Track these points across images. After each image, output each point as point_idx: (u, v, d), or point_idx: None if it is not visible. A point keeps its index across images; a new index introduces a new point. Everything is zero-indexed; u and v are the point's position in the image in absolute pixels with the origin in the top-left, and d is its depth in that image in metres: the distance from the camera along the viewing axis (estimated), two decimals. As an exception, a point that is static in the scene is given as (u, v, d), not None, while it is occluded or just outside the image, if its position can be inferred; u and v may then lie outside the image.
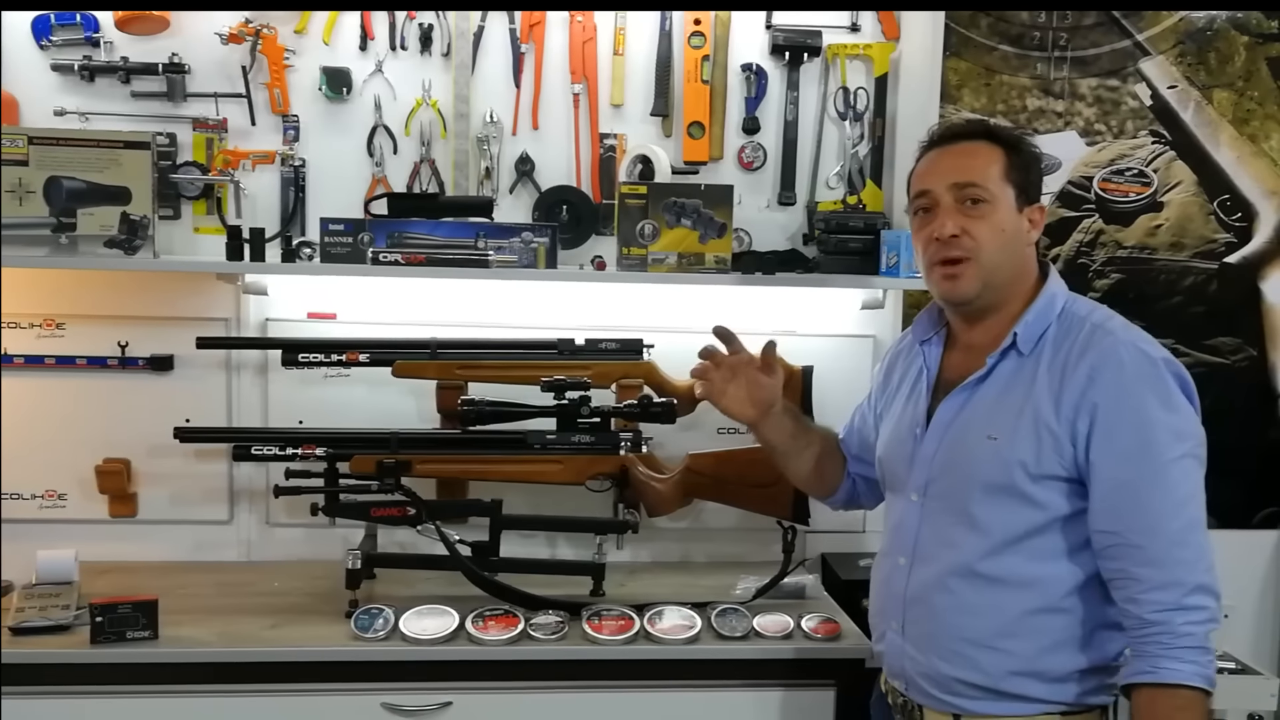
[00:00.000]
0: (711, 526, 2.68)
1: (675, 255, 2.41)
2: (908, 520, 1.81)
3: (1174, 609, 1.56)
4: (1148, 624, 1.58)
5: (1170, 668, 1.55)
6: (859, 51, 2.65)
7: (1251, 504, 2.83)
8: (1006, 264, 1.73)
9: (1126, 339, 1.65)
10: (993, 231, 1.70)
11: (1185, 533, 1.59)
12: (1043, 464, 1.65)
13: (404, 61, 2.56)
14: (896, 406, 1.91)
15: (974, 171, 1.72)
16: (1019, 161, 1.73)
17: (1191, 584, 1.57)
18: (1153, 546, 1.58)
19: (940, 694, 1.74)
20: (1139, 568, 1.59)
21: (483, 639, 2.14)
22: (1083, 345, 1.66)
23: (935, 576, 1.74)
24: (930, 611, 1.75)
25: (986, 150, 1.73)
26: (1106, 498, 1.62)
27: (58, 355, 2.52)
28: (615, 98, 2.61)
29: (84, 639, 2.08)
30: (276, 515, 2.60)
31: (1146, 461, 1.59)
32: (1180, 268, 2.78)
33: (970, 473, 1.71)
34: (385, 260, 2.31)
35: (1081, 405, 1.62)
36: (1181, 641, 1.55)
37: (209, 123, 2.51)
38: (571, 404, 2.37)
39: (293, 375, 2.51)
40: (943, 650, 1.73)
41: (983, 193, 1.71)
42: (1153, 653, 1.57)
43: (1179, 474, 1.60)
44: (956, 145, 1.76)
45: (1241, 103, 2.76)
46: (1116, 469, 1.61)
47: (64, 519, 2.55)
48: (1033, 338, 1.71)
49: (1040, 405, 1.65)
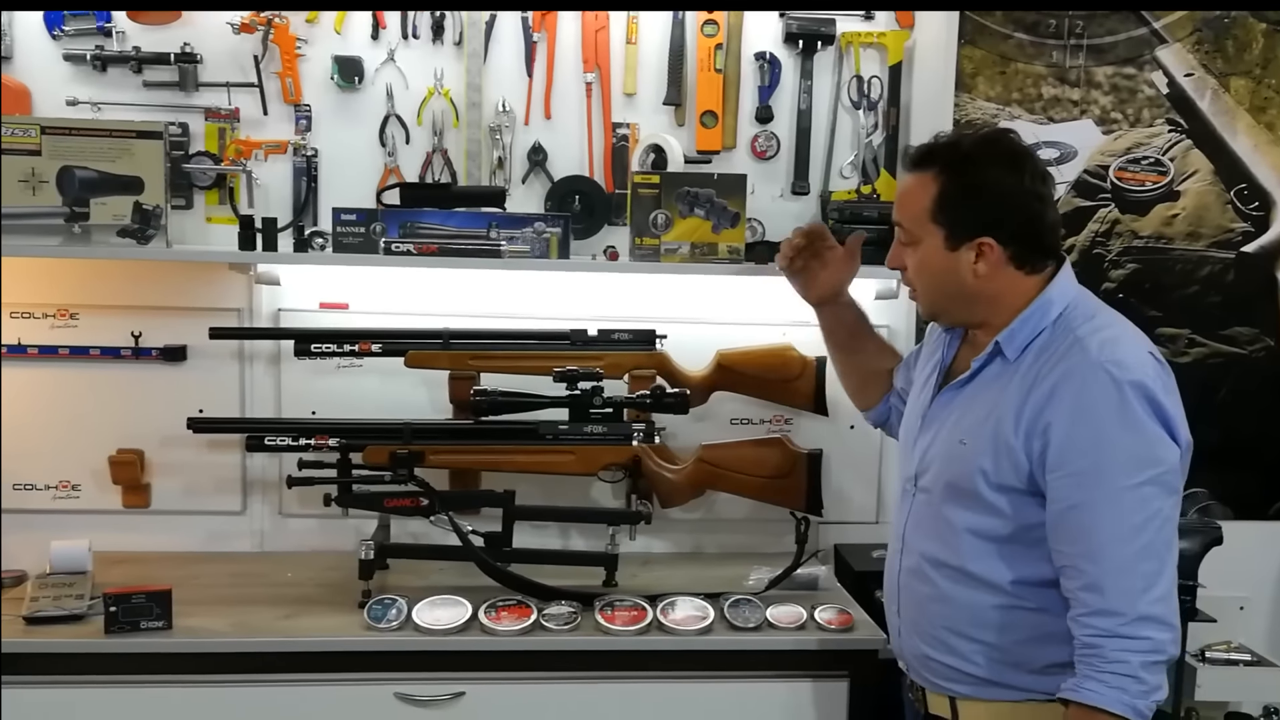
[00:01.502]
0: (724, 517, 2.68)
1: (688, 245, 2.40)
2: (900, 507, 1.86)
3: (1108, 635, 1.55)
4: (1084, 645, 1.58)
5: (1090, 689, 1.55)
6: (873, 40, 2.63)
7: (1268, 495, 2.81)
8: (945, 297, 1.76)
9: (1097, 359, 1.60)
10: (918, 269, 1.76)
11: (1134, 561, 1.55)
12: (1000, 474, 1.65)
13: (416, 50, 2.55)
14: (916, 391, 1.94)
15: (902, 210, 1.77)
16: (954, 198, 1.69)
17: (1132, 615, 1.54)
18: (1094, 572, 1.57)
19: (931, 676, 1.78)
20: (1082, 591, 1.58)
21: (495, 629, 2.14)
22: (1055, 359, 1.64)
23: (916, 565, 1.79)
24: (914, 598, 1.80)
25: (920, 187, 1.72)
26: (1057, 519, 1.61)
27: (71, 346, 2.52)
28: (628, 87, 2.60)
29: (98, 629, 2.08)
30: (289, 506, 2.60)
31: (1098, 487, 1.57)
32: (1197, 257, 2.76)
33: (941, 473, 1.74)
34: (398, 250, 2.30)
35: (1037, 423, 1.62)
36: (1110, 667, 1.54)
37: (221, 112, 2.50)
38: (584, 395, 2.37)
39: (305, 365, 2.50)
40: (926, 636, 1.77)
41: (905, 235, 1.76)
42: (1082, 672, 1.57)
43: (1133, 501, 1.56)
44: (906, 176, 1.78)
45: (1259, 90, 2.74)
46: (1067, 491, 1.60)
47: (78, 509, 2.56)
48: (1019, 344, 1.70)
49: (1002, 417, 1.65)
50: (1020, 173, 1.68)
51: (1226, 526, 2.43)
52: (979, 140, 1.76)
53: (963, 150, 1.72)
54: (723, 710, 2.19)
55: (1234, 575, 2.59)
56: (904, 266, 1.79)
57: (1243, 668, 2.52)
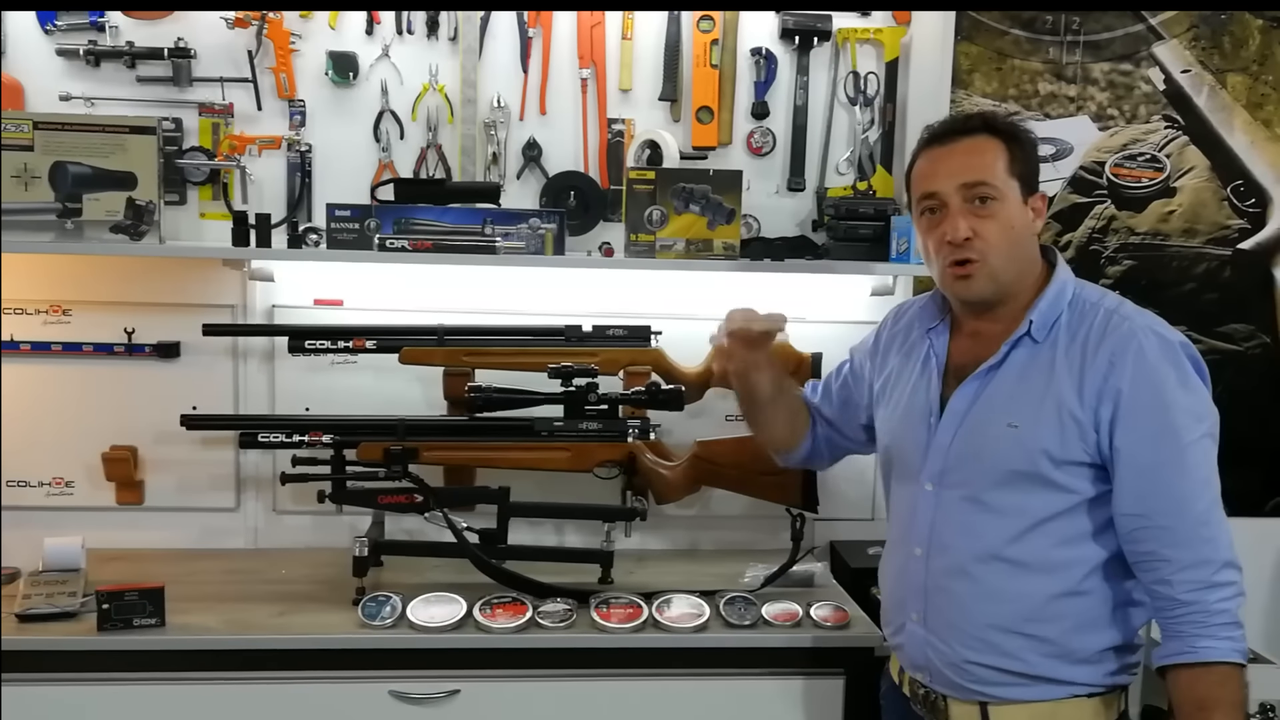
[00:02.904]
0: (720, 514, 2.67)
1: (683, 241, 2.39)
2: (921, 509, 1.79)
3: (1206, 587, 1.58)
4: (1181, 604, 1.59)
5: (1208, 646, 1.57)
6: (869, 36, 2.63)
7: (1264, 492, 2.81)
8: (1015, 260, 1.73)
9: (1143, 324, 1.66)
10: (1002, 230, 1.70)
11: (1209, 512, 1.61)
12: (1067, 450, 1.65)
13: (410, 46, 2.54)
14: (900, 394, 1.88)
15: (982, 170, 1.70)
16: (1020, 153, 1.72)
17: (1220, 561, 1.59)
18: (1181, 527, 1.60)
19: (966, 683, 1.73)
20: (1168, 549, 1.60)
21: (490, 627, 2.13)
22: (1100, 332, 1.67)
23: (956, 564, 1.74)
24: (952, 600, 1.74)
25: (990, 145, 1.71)
26: (1132, 481, 1.62)
27: (64, 342, 2.51)
28: (623, 82, 2.60)
29: (91, 626, 2.08)
30: (283, 502, 2.60)
31: (1169, 444, 1.61)
32: (1193, 254, 2.76)
33: (991, 461, 1.71)
34: (392, 246, 2.30)
35: (1105, 391, 1.63)
36: (1216, 619, 1.58)
37: (215, 107, 2.50)
38: (579, 391, 2.36)
39: (299, 362, 2.50)
40: (967, 638, 1.73)
41: (992, 190, 1.69)
42: (1189, 633, 1.59)
43: (1200, 455, 1.62)
44: (960, 142, 1.73)
45: (1256, 87, 2.74)
46: (1141, 453, 1.62)
47: (71, 506, 2.56)
48: (1046, 325, 1.71)
49: (1063, 392, 1.65)
50: None
51: (1224, 523, 2.43)
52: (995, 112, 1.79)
53: (996, 117, 1.78)
54: (719, 707, 2.19)
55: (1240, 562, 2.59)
56: (972, 235, 1.70)
57: (1239, 665, 2.52)
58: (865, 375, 2.02)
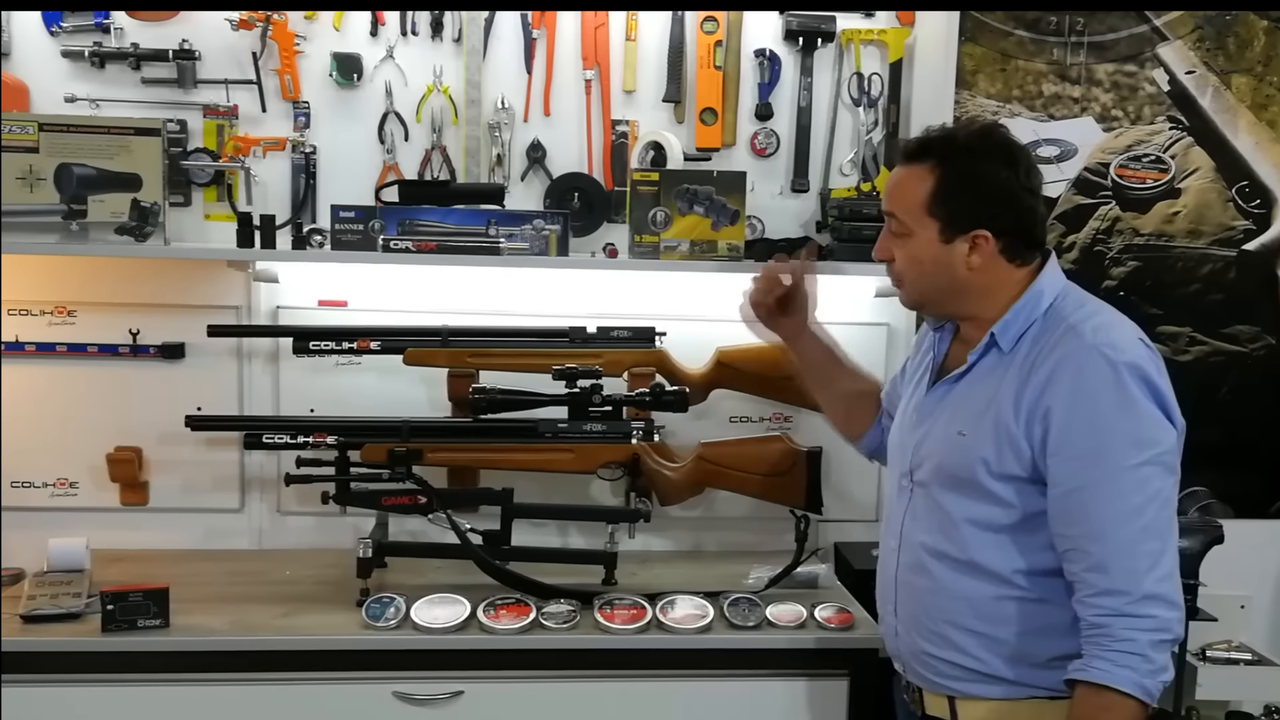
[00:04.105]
0: (723, 515, 2.67)
1: (687, 243, 2.39)
2: (897, 504, 1.84)
3: (1115, 614, 1.56)
4: (1090, 625, 1.58)
5: (1100, 668, 1.55)
6: (873, 37, 2.63)
7: (1269, 493, 2.80)
8: (935, 289, 1.76)
9: (1092, 342, 1.61)
10: (910, 261, 1.75)
11: (1136, 541, 1.56)
12: (1003, 463, 1.66)
13: (415, 47, 2.54)
14: (908, 390, 1.93)
15: (894, 200, 1.76)
16: (952, 191, 1.69)
17: (1138, 593, 1.55)
18: (1100, 553, 1.57)
19: (930, 675, 1.77)
20: (1088, 573, 1.59)
21: (494, 628, 2.13)
22: (1051, 346, 1.65)
23: (916, 559, 1.77)
24: (913, 593, 1.79)
25: (915, 178, 1.71)
26: (1059, 502, 1.62)
27: (69, 343, 2.52)
28: (627, 84, 2.60)
29: (95, 627, 2.08)
30: (288, 503, 2.60)
31: (1098, 468, 1.58)
32: (1198, 255, 2.75)
33: (942, 464, 1.74)
34: (396, 248, 2.30)
35: (1036, 410, 1.62)
36: (1118, 646, 1.55)
37: (219, 109, 2.50)
38: (583, 392, 2.36)
39: (304, 363, 2.50)
40: (926, 631, 1.76)
41: (898, 226, 1.75)
42: (1090, 652, 1.58)
43: (1133, 481, 1.57)
44: (900, 168, 1.76)
45: (1260, 88, 2.73)
46: (1069, 475, 1.60)
47: (75, 507, 2.56)
48: (1013, 335, 1.70)
49: (1002, 405, 1.66)
50: (1015, 167, 1.69)
51: (1227, 525, 2.42)
52: (974, 133, 1.75)
53: (960, 143, 1.71)
54: (722, 709, 2.19)
55: (1235, 574, 2.59)
56: (892, 258, 1.78)
57: (1244, 667, 2.52)
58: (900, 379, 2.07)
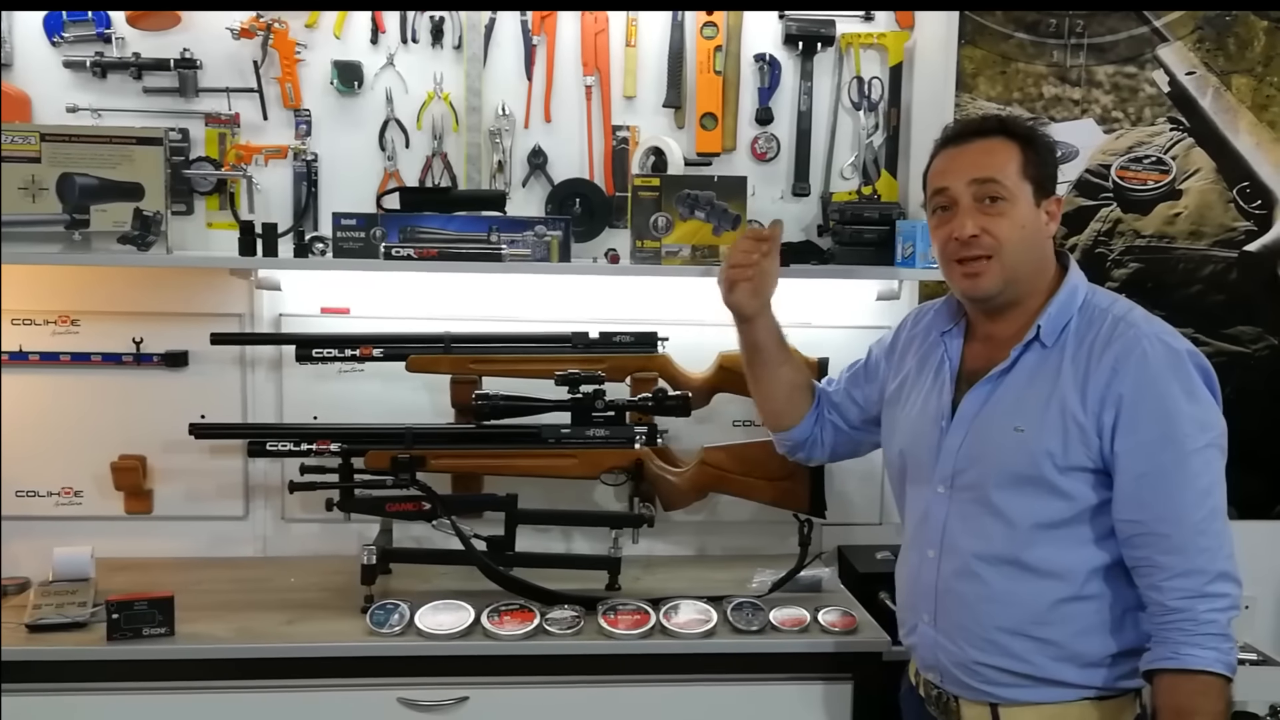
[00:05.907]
0: (727, 520, 2.67)
1: (689, 248, 2.39)
2: (934, 512, 1.80)
3: (1196, 596, 1.58)
4: (1170, 611, 1.60)
5: (1191, 654, 1.57)
6: (873, 41, 2.63)
7: (1272, 494, 2.81)
8: (1027, 260, 1.74)
9: (1149, 331, 1.66)
10: (1012, 229, 1.72)
11: (1207, 521, 1.61)
12: (1070, 455, 1.66)
13: (415, 55, 2.55)
14: (916, 397, 1.90)
15: (992, 168, 1.73)
16: (1035, 156, 1.74)
17: (1213, 572, 1.59)
18: (1176, 535, 1.60)
19: (976, 683, 1.75)
20: (1162, 555, 1.61)
21: (498, 634, 2.13)
22: (1106, 338, 1.68)
23: (964, 566, 1.75)
24: (961, 601, 1.76)
25: (1003, 146, 1.74)
26: (1131, 487, 1.63)
27: (73, 352, 2.52)
28: (628, 89, 2.60)
29: (100, 636, 2.08)
30: (292, 511, 2.60)
31: (1170, 452, 1.61)
32: (1199, 256, 2.75)
33: (998, 464, 1.72)
34: (398, 255, 2.30)
35: (1107, 397, 1.64)
36: (1203, 628, 1.57)
37: (221, 118, 2.50)
38: (586, 398, 2.37)
39: (307, 370, 2.50)
40: (975, 639, 1.74)
41: (1001, 190, 1.72)
42: (1175, 639, 1.59)
43: (1201, 464, 1.62)
44: (973, 143, 1.76)
45: (1261, 88, 2.73)
46: (1141, 460, 1.62)
47: (80, 516, 2.56)
48: (1055, 330, 1.72)
49: (1067, 397, 1.67)
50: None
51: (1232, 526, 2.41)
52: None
53: (1019, 120, 1.81)
54: (726, 713, 2.18)
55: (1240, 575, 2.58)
56: (979, 232, 1.72)
57: (1249, 667, 2.51)
58: (879, 372, 2.07)
